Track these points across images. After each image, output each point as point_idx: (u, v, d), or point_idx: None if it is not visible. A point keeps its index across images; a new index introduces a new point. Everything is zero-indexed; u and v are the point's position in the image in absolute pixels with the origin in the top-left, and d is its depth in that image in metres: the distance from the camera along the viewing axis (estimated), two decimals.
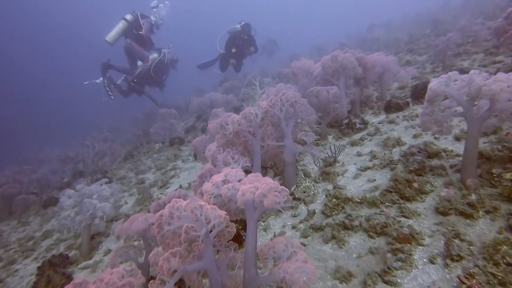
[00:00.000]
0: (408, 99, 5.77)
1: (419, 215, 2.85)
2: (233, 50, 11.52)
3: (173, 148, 9.19)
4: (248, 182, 2.12)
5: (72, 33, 52.26)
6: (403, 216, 2.88)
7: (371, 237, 2.84)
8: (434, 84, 2.86)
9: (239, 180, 2.28)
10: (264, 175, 4.72)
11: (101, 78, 11.10)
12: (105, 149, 11.21)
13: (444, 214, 2.73)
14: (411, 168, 3.49)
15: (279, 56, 21.06)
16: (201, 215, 1.96)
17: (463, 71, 6.35)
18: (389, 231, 2.74)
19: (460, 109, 2.89)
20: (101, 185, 5.45)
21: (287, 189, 2.02)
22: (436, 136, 4.20)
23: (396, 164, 3.81)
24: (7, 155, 19.08)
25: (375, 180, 3.71)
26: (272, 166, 4.95)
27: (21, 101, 50.15)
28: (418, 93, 5.71)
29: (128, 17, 10.60)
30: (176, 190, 5.97)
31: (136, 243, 3.78)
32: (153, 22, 10.63)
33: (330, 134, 5.62)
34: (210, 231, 2.06)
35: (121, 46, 11.02)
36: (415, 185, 3.15)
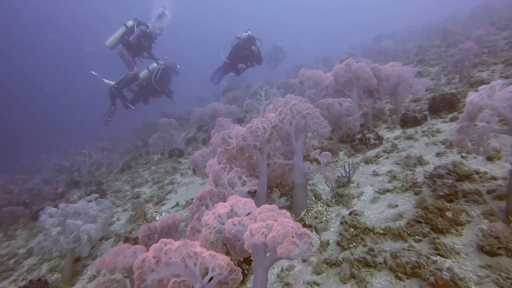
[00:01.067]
0: (425, 113, 5.33)
1: (458, 253, 2.37)
2: (236, 61, 11.17)
3: (172, 160, 8.74)
4: (259, 218, 1.66)
5: (74, 37, 52.55)
6: (438, 254, 2.40)
7: (400, 278, 2.35)
8: (475, 96, 2.41)
9: (248, 213, 1.82)
10: (269, 194, 4.26)
11: (109, 82, 10.68)
12: (102, 159, 10.82)
13: (491, 254, 2.25)
14: (441, 193, 3.01)
15: (283, 66, 20.75)
16: (195, 265, 1.50)
17: (483, 82, 5.94)
18: (422, 273, 2.26)
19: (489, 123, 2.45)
20: (90, 201, 5.00)
21: (309, 233, 1.56)
22: (463, 154, 3.74)
23: (421, 187, 3.34)
24: (6, 162, 18.71)
25: (397, 205, 3.23)
26: (278, 185, 4.48)
27: (23, 108, 50.04)
28: (436, 106, 5.27)
29: (129, 23, 10.30)
30: (170, 212, 5.50)
31: (119, 276, 3.30)
32: (148, 31, 10.21)
33: (341, 150, 5.17)
34: (209, 280, 1.59)
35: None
36: (449, 214, 2.67)
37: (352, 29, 47.14)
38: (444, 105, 5.20)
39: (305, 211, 3.48)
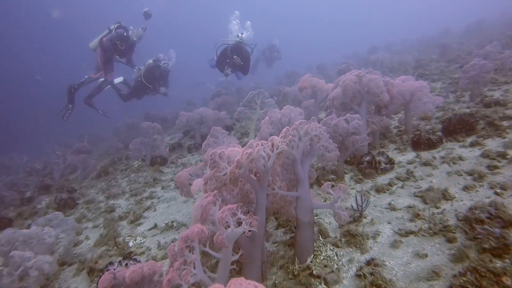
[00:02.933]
0: (438, 133, 4.76)
1: None
2: (224, 65, 10.49)
3: (153, 169, 7.95)
4: None
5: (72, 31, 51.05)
6: None
7: None
8: None
9: None
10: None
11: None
12: (77, 163, 9.89)
13: None
14: (486, 246, 2.40)
15: (275, 72, 20.15)
16: None
17: (498, 103, 5.45)
18: None
19: None
20: (50, 220, 4.22)
21: None
22: (497, 191, 3.16)
23: (454, 232, 2.73)
24: None
25: (426, 255, 2.60)
26: (275, 213, 3.80)
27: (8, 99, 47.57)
28: (453, 127, 4.73)
29: (112, 26, 10.19)
30: (146, 236, 4.71)
31: None
32: (125, 34, 10.11)
33: (346, 173, 4.55)
34: None
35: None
36: (507, 281, 2.06)
37: (345, 41, 47.01)
38: (461, 127, 4.65)
39: (312, 256, 2.80)
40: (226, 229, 2.44)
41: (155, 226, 4.83)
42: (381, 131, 5.41)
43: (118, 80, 11.02)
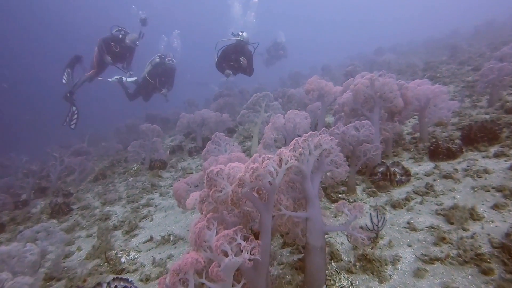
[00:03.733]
0: (456, 141, 4.39)
1: None
2: (224, 66, 10.08)
3: (152, 173, 7.62)
4: None
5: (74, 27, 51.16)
6: None
7: None
8: None
9: None
10: None
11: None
12: (75, 165, 9.57)
13: None
14: None
15: (279, 72, 19.80)
16: None
17: None
18: None
19: None
20: (37, 232, 3.90)
21: None
22: None
23: (490, 262, 2.36)
24: None
25: None
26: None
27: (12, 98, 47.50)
28: (474, 136, 4.35)
29: (114, 30, 10.22)
30: (141, 249, 4.35)
31: None
32: (120, 37, 10.06)
33: (358, 185, 4.18)
34: None
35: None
36: None
37: (349, 42, 46.42)
38: (483, 135, 4.28)
39: (324, 287, 2.45)
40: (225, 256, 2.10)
41: (151, 238, 4.49)
42: (394, 138, 5.05)
43: (131, 79, 10.95)
